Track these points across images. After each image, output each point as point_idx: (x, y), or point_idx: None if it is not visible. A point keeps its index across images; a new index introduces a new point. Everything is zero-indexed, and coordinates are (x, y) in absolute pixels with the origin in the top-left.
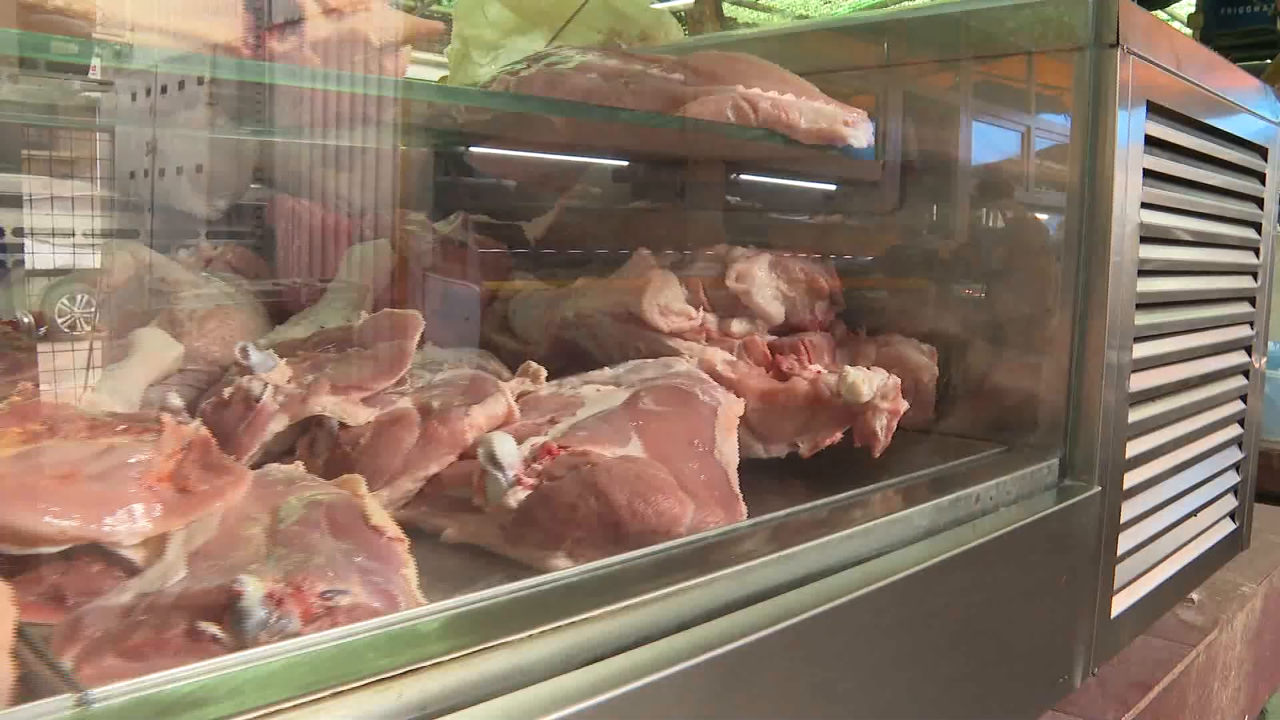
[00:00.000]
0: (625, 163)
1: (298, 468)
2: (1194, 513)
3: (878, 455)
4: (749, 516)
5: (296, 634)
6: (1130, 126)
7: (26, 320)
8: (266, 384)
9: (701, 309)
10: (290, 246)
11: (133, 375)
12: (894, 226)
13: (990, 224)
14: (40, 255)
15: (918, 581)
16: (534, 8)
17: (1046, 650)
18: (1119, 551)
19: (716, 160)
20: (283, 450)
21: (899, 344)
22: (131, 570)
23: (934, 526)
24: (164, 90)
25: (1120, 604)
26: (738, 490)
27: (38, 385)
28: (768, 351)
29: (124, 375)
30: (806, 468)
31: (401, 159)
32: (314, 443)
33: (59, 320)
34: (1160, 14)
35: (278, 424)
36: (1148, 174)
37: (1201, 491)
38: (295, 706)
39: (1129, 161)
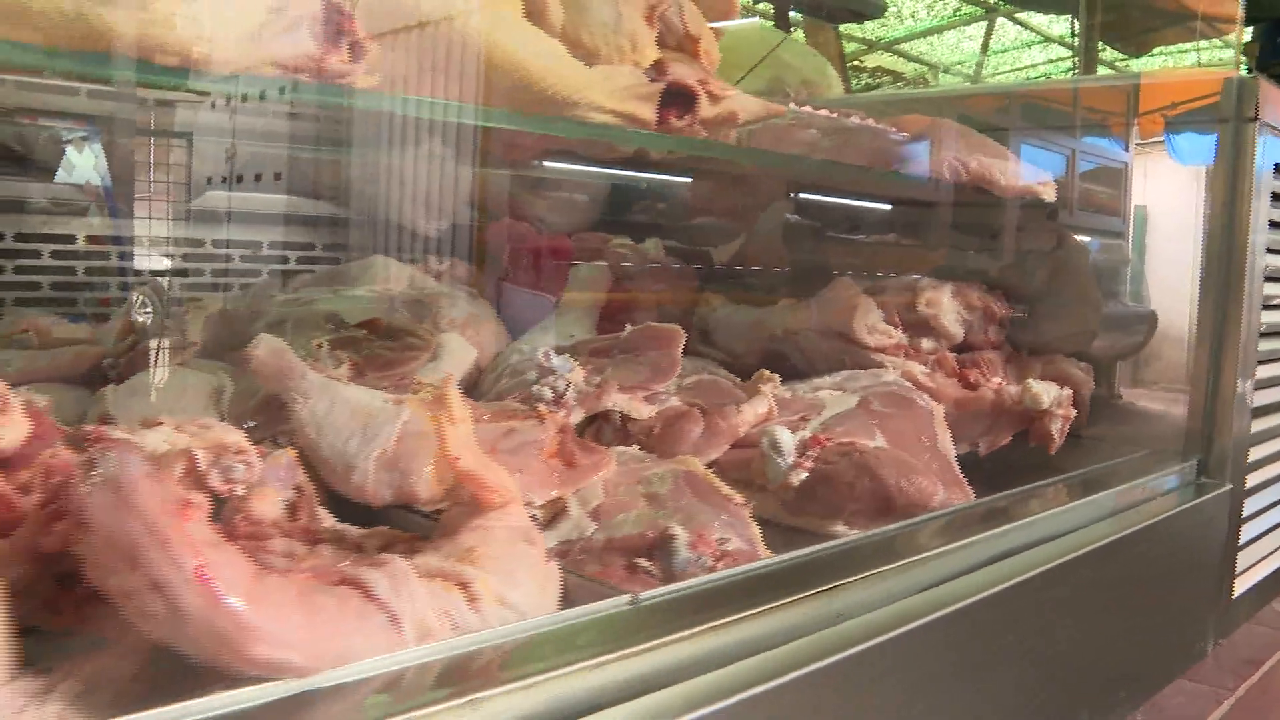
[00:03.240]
0: (809, 198)
1: (635, 449)
2: None
3: (1053, 453)
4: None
5: (711, 569)
6: (1261, 186)
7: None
8: (568, 383)
9: (897, 329)
10: (515, 264)
11: (452, 372)
12: (1051, 261)
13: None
14: (286, 266)
15: (1108, 551)
16: None
17: (1187, 618)
18: (1240, 541)
19: (893, 201)
20: None
21: (1061, 362)
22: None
23: (1115, 508)
24: (398, 127)
25: (1239, 587)
26: (961, 476)
27: (407, 378)
28: (955, 366)
29: (441, 373)
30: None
31: (607, 190)
32: (599, 433)
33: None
34: (1215, 41)
35: (576, 417)
36: (1272, 224)
37: None
38: (780, 607)
39: (1259, 216)
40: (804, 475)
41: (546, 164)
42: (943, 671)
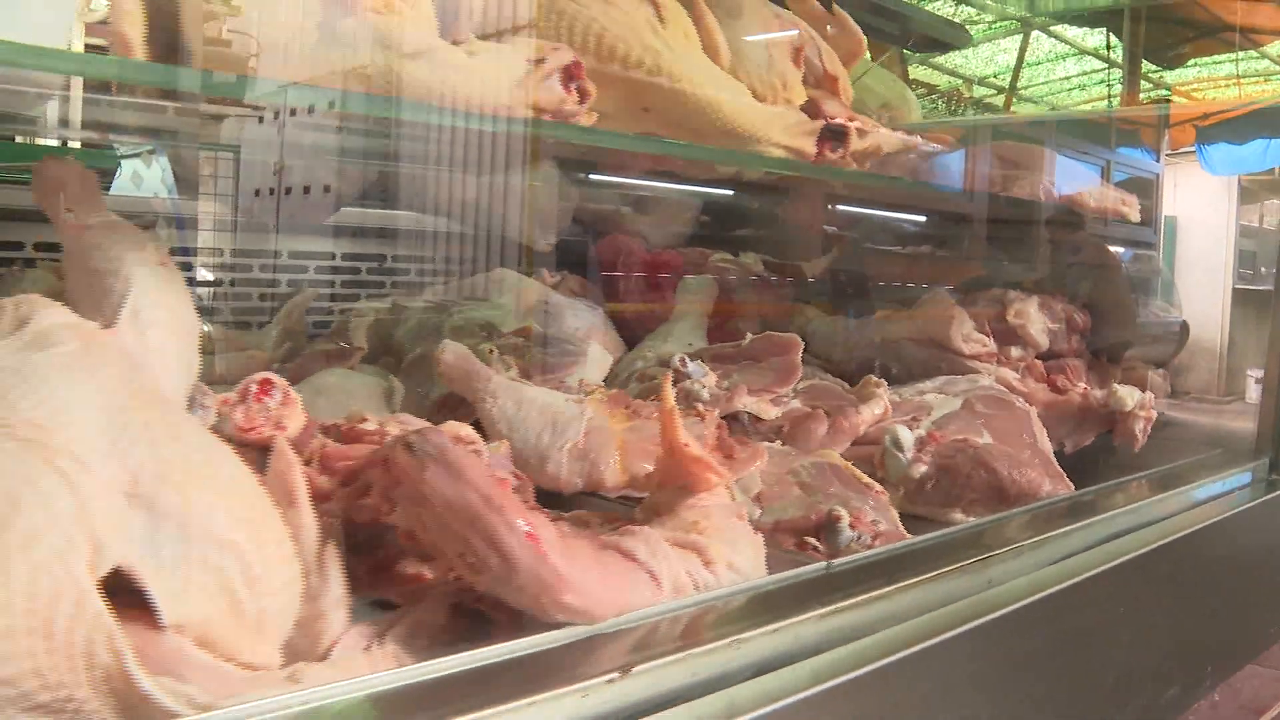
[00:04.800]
0: (896, 216)
1: (778, 444)
2: None
3: (1136, 451)
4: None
5: (869, 546)
6: None
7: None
8: (704, 386)
9: (989, 338)
10: (626, 277)
11: (594, 376)
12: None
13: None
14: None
15: (1196, 538)
16: None
17: (1263, 604)
18: None
19: (977, 220)
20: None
21: (1140, 368)
22: None
23: (1202, 499)
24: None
25: None
26: (1061, 470)
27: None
28: (1044, 371)
29: (587, 376)
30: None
31: (701, 208)
32: (729, 431)
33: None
34: (1251, 53)
35: None
36: None
37: None
38: (945, 574)
39: None
40: (923, 469)
41: (652, 183)
42: (1071, 632)
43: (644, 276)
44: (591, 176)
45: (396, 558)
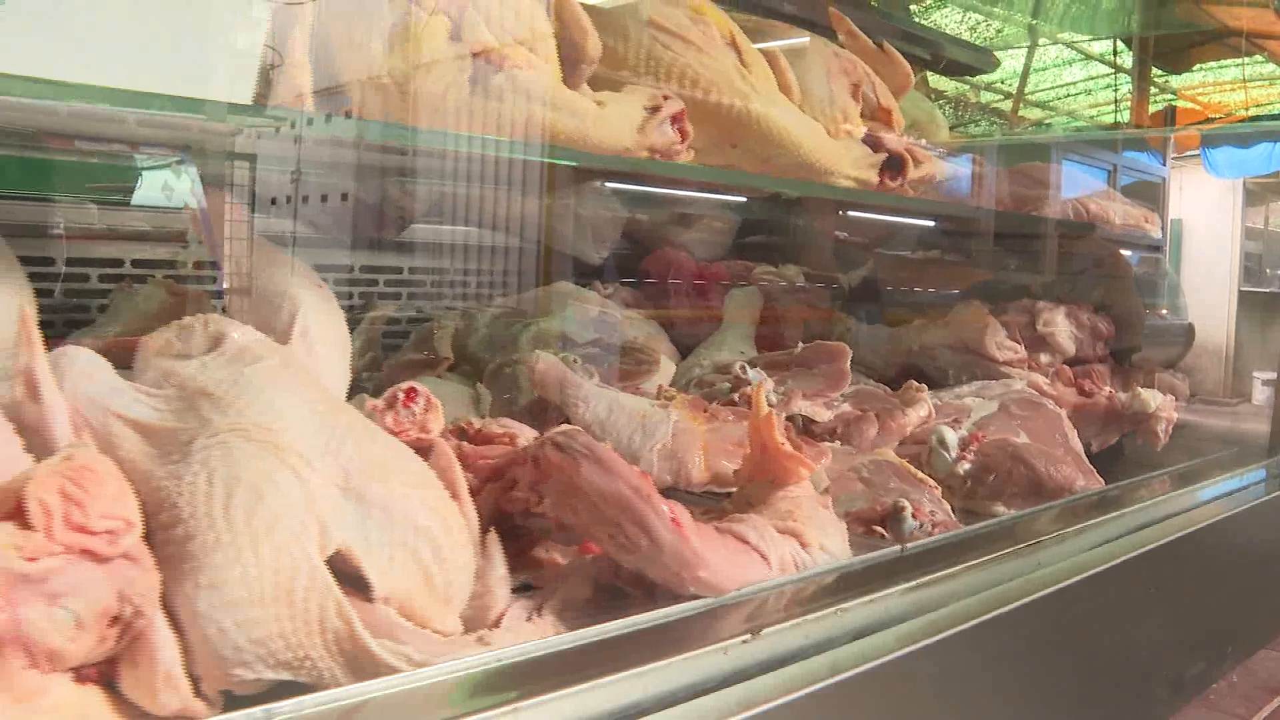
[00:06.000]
0: (926, 226)
1: (839, 445)
2: None
3: (1158, 450)
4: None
5: (930, 534)
6: None
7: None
8: (767, 392)
9: (1020, 345)
10: (676, 288)
11: (662, 383)
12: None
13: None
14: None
15: (1219, 527)
16: None
17: (1276, 592)
18: None
19: (1002, 233)
20: None
21: (1160, 372)
22: None
23: (1221, 494)
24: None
25: None
26: (1091, 466)
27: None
28: (1071, 376)
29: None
30: None
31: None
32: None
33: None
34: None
35: None
36: None
37: None
38: (1003, 556)
39: None
40: (966, 466)
41: (692, 194)
42: (1109, 610)
43: (693, 288)
44: (637, 189)
45: (531, 545)
